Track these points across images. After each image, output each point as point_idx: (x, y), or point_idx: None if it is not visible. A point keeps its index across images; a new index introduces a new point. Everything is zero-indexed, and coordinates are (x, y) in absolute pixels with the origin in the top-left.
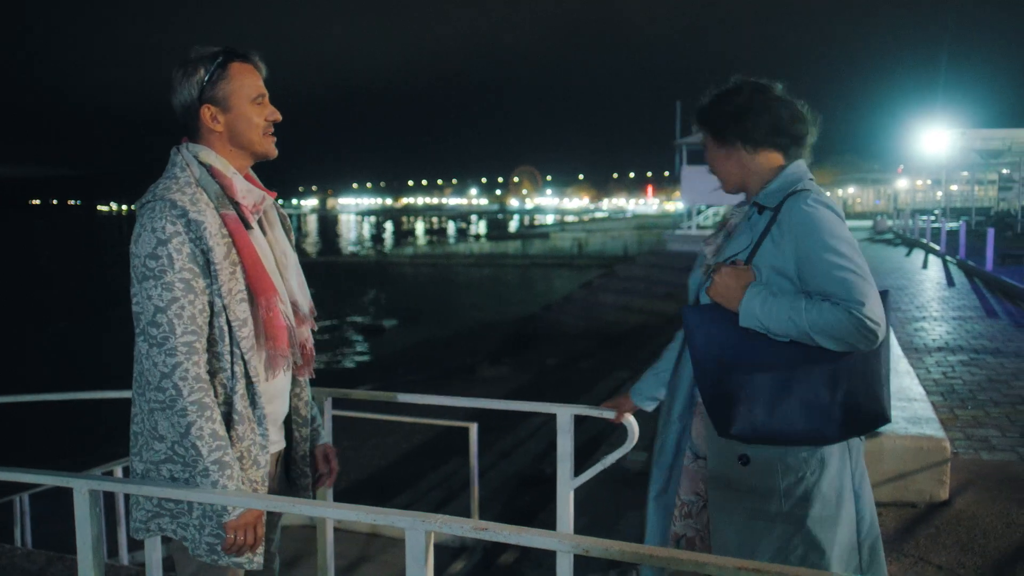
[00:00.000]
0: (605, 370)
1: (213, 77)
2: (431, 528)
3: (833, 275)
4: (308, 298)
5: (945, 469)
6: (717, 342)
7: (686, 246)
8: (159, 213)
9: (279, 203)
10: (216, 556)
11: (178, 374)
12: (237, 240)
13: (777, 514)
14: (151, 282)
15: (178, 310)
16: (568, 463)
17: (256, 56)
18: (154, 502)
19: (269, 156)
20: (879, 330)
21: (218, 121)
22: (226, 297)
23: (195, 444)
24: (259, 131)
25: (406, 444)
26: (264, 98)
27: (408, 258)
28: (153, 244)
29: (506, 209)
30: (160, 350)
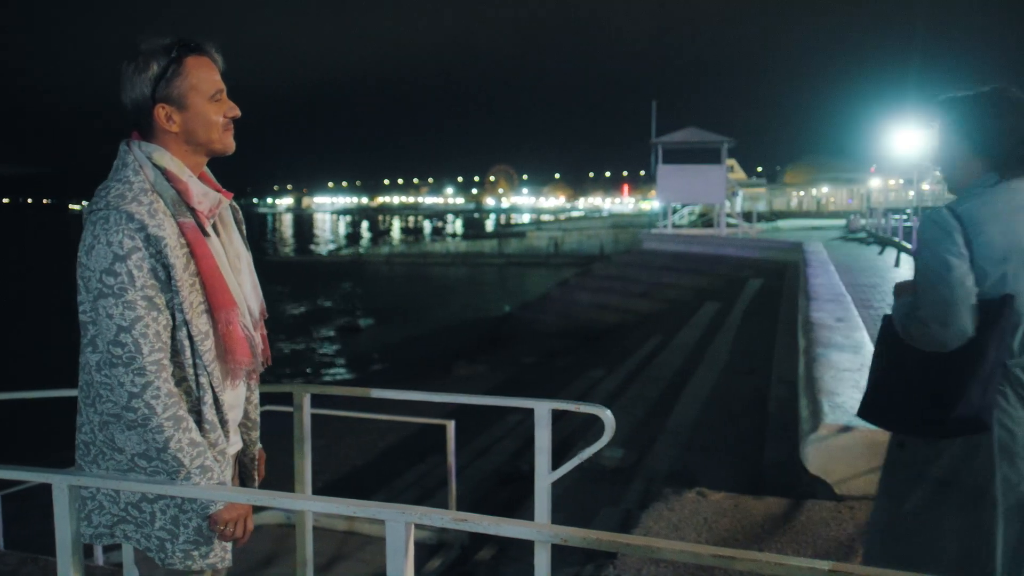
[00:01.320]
0: (581, 368)
1: (167, 74)
2: (411, 520)
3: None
4: (260, 299)
5: None
6: (884, 338)
7: (662, 245)
8: (114, 226)
9: (250, 202)
10: (191, 561)
11: (150, 393)
12: (196, 251)
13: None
14: (110, 300)
15: (143, 329)
16: (545, 457)
17: (212, 48)
18: (120, 506)
19: (227, 152)
20: (934, 332)
21: (173, 121)
22: (187, 311)
23: (176, 456)
24: (218, 129)
25: (383, 442)
26: (222, 93)
27: (384, 257)
28: (110, 259)
29: (482, 208)
30: (127, 370)
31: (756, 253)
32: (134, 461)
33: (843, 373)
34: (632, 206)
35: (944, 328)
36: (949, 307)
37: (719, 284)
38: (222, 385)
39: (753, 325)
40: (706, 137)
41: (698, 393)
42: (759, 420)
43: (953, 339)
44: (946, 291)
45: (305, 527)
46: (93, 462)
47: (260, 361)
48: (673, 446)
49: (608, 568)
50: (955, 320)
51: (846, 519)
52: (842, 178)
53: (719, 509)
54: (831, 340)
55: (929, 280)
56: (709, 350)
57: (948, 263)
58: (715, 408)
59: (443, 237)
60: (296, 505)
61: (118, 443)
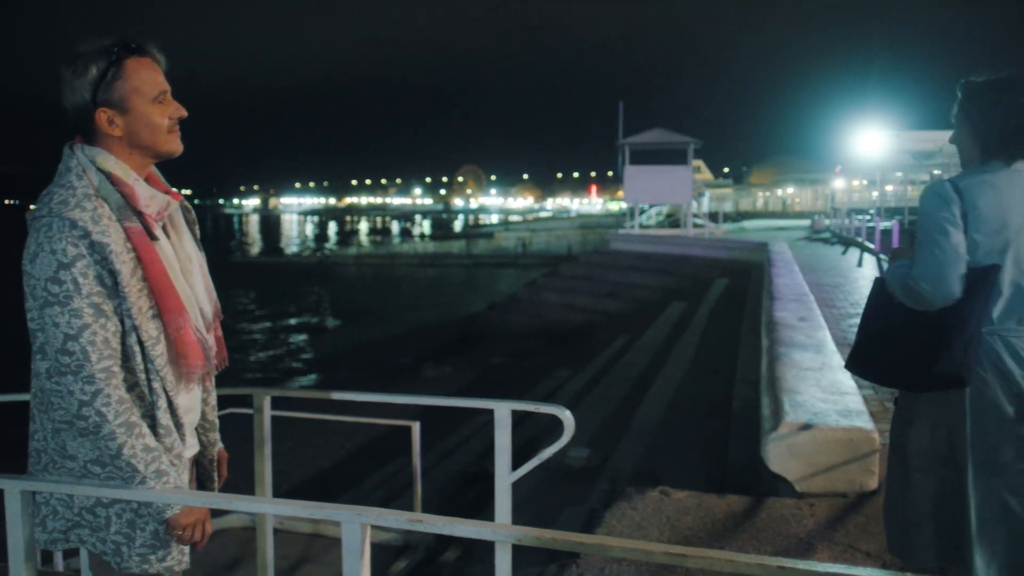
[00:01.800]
0: (548, 368)
1: (108, 77)
2: (367, 521)
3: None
4: (214, 301)
5: (874, 460)
6: (874, 301)
7: (629, 245)
8: (57, 233)
9: (217, 203)
10: (147, 565)
11: (100, 401)
12: (142, 256)
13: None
14: (56, 308)
15: (91, 336)
16: (506, 457)
17: (154, 48)
18: (74, 511)
19: (174, 155)
20: (924, 291)
21: (116, 125)
22: (136, 317)
23: (130, 463)
24: (163, 132)
25: (349, 444)
26: (166, 95)
27: (352, 258)
28: (54, 267)
29: (450, 209)
30: (76, 378)
31: (722, 253)
32: (87, 468)
33: (805, 372)
34: (600, 207)
35: (934, 288)
36: (940, 268)
37: (686, 284)
38: (176, 389)
39: (719, 325)
40: (673, 138)
41: (664, 393)
42: (723, 419)
43: (940, 299)
44: (940, 254)
45: (265, 530)
46: (44, 469)
47: (214, 363)
48: (638, 445)
49: (571, 567)
50: (944, 282)
51: (806, 516)
52: (807, 179)
53: (682, 508)
54: (793, 339)
55: (925, 243)
56: (675, 350)
57: (944, 229)
58: (680, 408)
59: (411, 238)
60: (252, 507)
61: (70, 450)
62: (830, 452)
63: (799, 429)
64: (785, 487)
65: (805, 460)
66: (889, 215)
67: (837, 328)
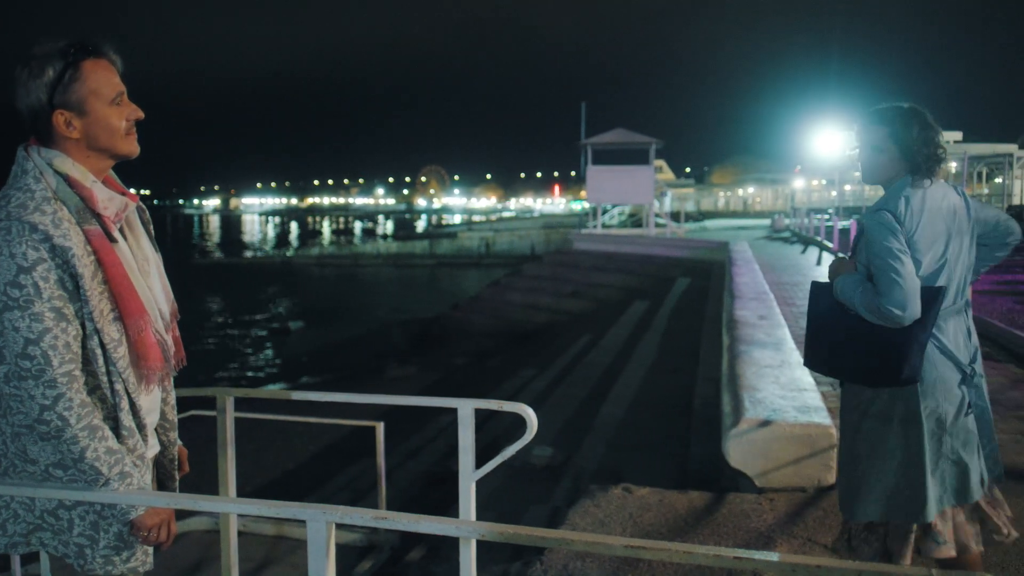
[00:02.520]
0: (512, 368)
1: (64, 79)
2: (332, 519)
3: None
4: (171, 301)
5: (832, 455)
6: (822, 306)
7: (592, 245)
8: (17, 237)
9: (176, 203)
10: (111, 566)
11: (62, 405)
12: (103, 258)
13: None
14: (16, 312)
15: (52, 340)
16: (470, 455)
17: (110, 49)
18: (35, 514)
19: (131, 156)
20: (896, 316)
21: (73, 127)
22: (98, 320)
23: (93, 466)
24: (120, 134)
25: (313, 446)
26: (123, 96)
27: (314, 258)
28: (14, 272)
29: (413, 209)
30: (37, 383)
31: (684, 253)
32: (48, 471)
33: (764, 369)
34: (563, 206)
35: (904, 313)
36: (907, 297)
37: (648, 283)
38: (137, 390)
39: (680, 324)
40: (634, 138)
41: (626, 391)
42: (685, 417)
43: (909, 320)
44: (903, 283)
45: (229, 531)
46: (4, 474)
47: (172, 364)
48: (601, 444)
49: (535, 564)
50: (912, 306)
51: (766, 510)
52: (767, 178)
53: (644, 504)
54: (754, 337)
55: (886, 273)
56: (637, 349)
57: (902, 261)
58: (642, 406)
59: (374, 238)
60: (217, 507)
61: (31, 454)
62: (789, 448)
63: (759, 425)
64: (746, 483)
65: (765, 456)
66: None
67: (797, 326)
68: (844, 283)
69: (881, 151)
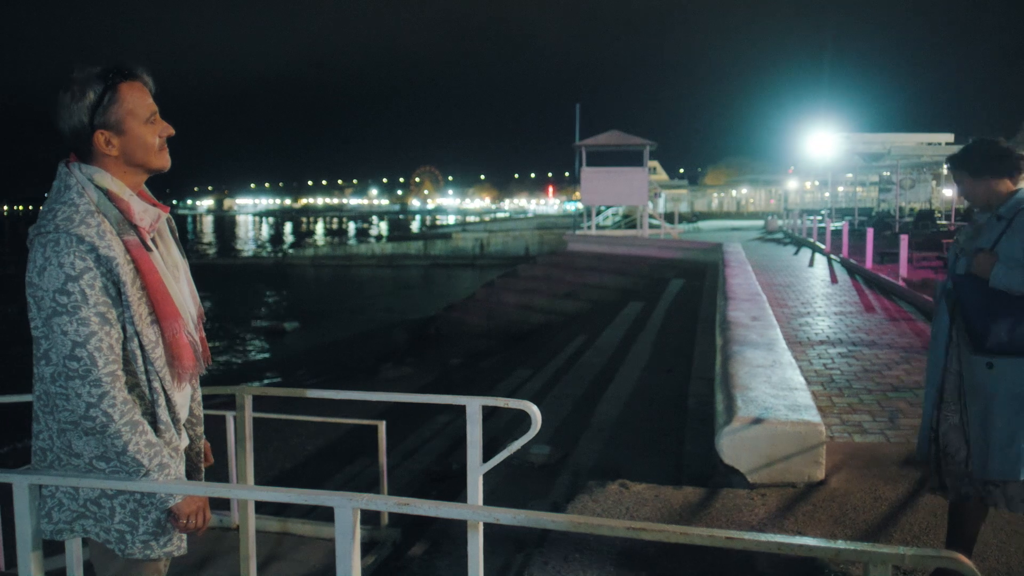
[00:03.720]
0: (508, 368)
1: (104, 101)
2: (358, 505)
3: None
4: (198, 304)
5: (821, 451)
6: (979, 295)
7: (586, 246)
8: (65, 248)
9: (170, 203)
10: (149, 551)
11: (107, 402)
12: (141, 266)
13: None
14: (64, 317)
15: (97, 343)
16: (477, 450)
17: (143, 72)
18: (79, 503)
19: (164, 170)
20: None
21: (112, 145)
22: (137, 323)
23: (135, 458)
24: (154, 150)
25: (311, 446)
26: (155, 115)
27: (309, 259)
28: (62, 280)
29: (407, 209)
30: (83, 382)
31: (678, 254)
32: (92, 463)
33: (756, 369)
34: (557, 207)
35: None
36: None
37: (642, 284)
38: (172, 388)
39: (675, 324)
40: (628, 140)
41: (621, 391)
42: (679, 415)
43: None
44: None
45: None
46: (50, 466)
47: (203, 363)
48: (597, 441)
49: (536, 556)
50: None
51: (757, 505)
52: (761, 179)
53: (640, 499)
54: (746, 338)
55: None
56: (632, 349)
57: None
58: (638, 405)
59: (368, 239)
60: (251, 495)
61: (76, 448)
62: (780, 445)
63: (751, 423)
64: (738, 479)
65: (757, 452)
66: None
67: (788, 327)
68: (999, 271)
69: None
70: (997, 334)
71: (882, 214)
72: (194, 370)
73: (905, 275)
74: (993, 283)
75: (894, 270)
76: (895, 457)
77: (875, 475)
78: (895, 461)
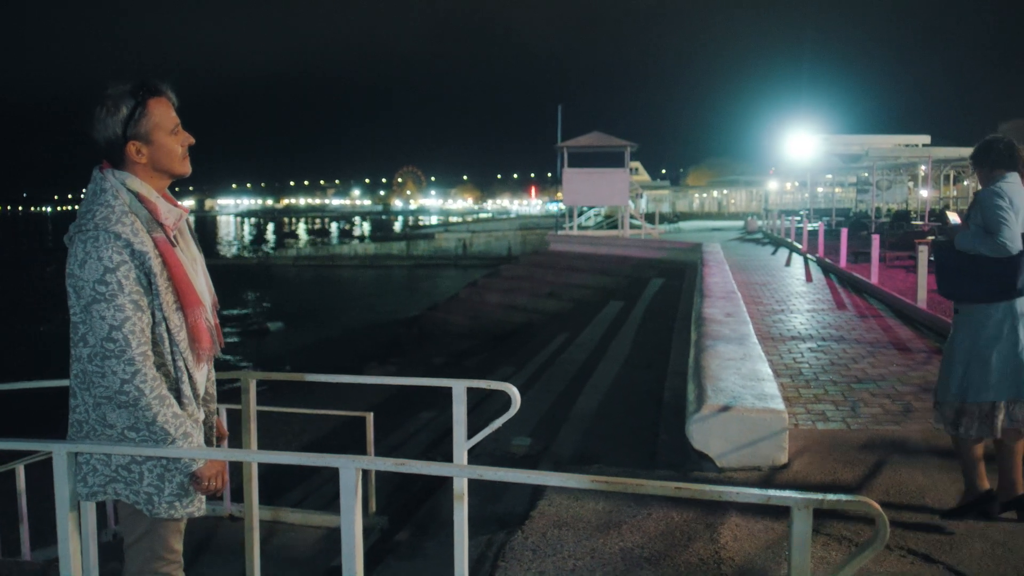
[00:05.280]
0: (491, 366)
1: (135, 115)
2: (360, 466)
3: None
4: (213, 294)
5: (784, 437)
6: (949, 257)
7: (568, 246)
8: (104, 244)
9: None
10: (174, 511)
11: (139, 379)
12: (167, 260)
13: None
14: (103, 304)
15: (131, 327)
16: (462, 427)
17: (167, 88)
18: (112, 468)
19: (185, 175)
20: (1009, 247)
21: (142, 154)
22: (165, 310)
23: (163, 428)
24: (178, 158)
25: (296, 442)
26: (179, 127)
27: (291, 260)
28: (101, 272)
29: (390, 210)
30: (119, 361)
31: (659, 253)
32: (124, 434)
33: (728, 362)
34: (539, 208)
35: (1013, 244)
36: (1015, 235)
37: (623, 284)
38: (193, 367)
39: (654, 322)
40: (610, 141)
41: (600, 386)
42: (655, 408)
43: (1016, 250)
44: (1013, 227)
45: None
46: (86, 436)
47: (218, 346)
48: (577, 433)
49: (517, 533)
50: (1017, 240)
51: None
52: (742, 180)
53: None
54: (720, 333)
55: (1000, 222)
56: (612, 346)
57: (1009, 213)
58: (616, 399)
59: (351, 239)
60: (262, 458)
61: (109, 420)
62: (746, 431)
63: (719, 410)
64: (708, 464)
65: (725, 438)
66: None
67: (762, 323)
68: (964, 236)
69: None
70: (960, 287)
71: (859, 215)
72: (211, 352)
73: (877, 274)
74: (957, 246)
75: (868, 270)
76: (854, 443)
77: (835, 459)
78: (854, 446)
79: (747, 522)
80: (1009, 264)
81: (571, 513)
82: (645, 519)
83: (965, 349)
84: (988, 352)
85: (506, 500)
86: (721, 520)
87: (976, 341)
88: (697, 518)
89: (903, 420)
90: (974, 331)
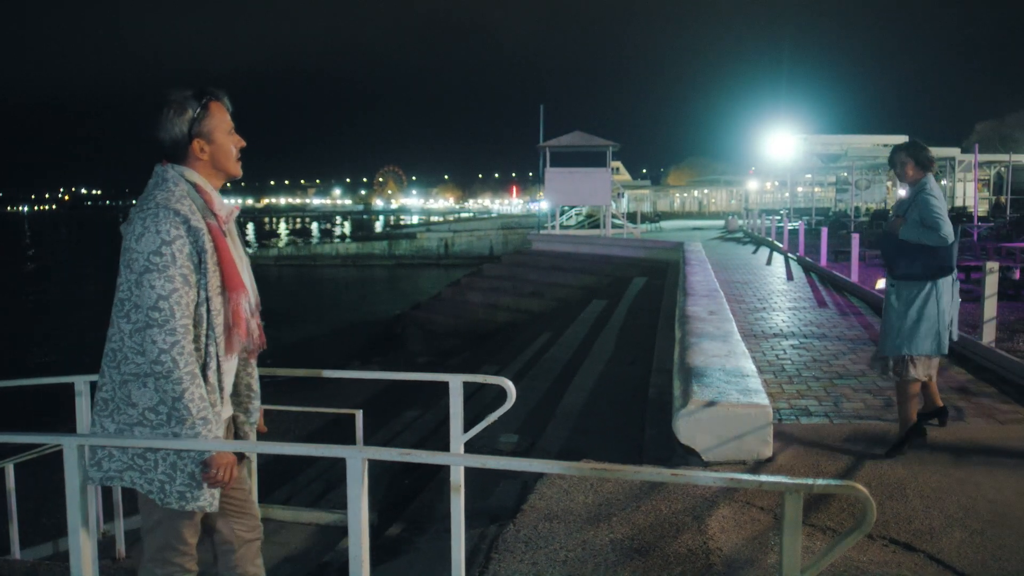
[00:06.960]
0: (475, 365)
1: (199, 116)
2: (366, 456)
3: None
4: (256, 295)
5: (768, 431)
6: (893, 244)
7: (550, 246)
8: (163, 219)
9: (130, 203)
10: (184, 501)
11: (176, 350)
12: (218, 244)
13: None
14: (155, 274)
15: (178, 298)
16: (459, 420)
17: (224, 94)
18: (128, 455)
19: (237, 176)
20: (946, 237)
21: (204, 151)
22: (210, 291)
23: (187, 406)
24: (233, 158)
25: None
26: (233, 129)
27: (272, 259)
28: (157, 244)
29: (371, 209)
30: (161, 330)
31: (640, 253)
32: (144, 415)
33: (712, 359)
34: (521, 207)
35: (950, 236)
36: (951, 229)
37: (606, 283)
38: (224, 356)
39: (637, 320)
40: (592, 141)
41: (585, 383)
42: (641, 404)
43: (950, 240)
44: (948, 222)
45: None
46: (109, 416)
47: (258, 343)
48: (564, 429)
49: (509, 527)
50: (951, 233)
51: None
52: (723, 180)
53: (603, 475)
54: (704, 330)
55: (940, 219)
56: (596, 344)
57: (944, 211)
58: (601, 396)
59: (332, 239)
60: (268, 449)
61: (133, 399)
62: (731, 425)
63: (705, 406)
64: (694, 458)
65: (710, 433)
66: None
67: (744, 320)
68: (907, 228)
69: (901, 166)
70: (899, 267)
71: (839, 214)
72: (244, 342)
73: (857, 272)
74: (902, 236)
75: (847, 268)
76: (837, 436)
77: (818, 452)
78: (837, 440)
79: (734, 514)
80: (946, 251)
81: (561, 507)
82: (634, 512)
83: (902, 314)
84: (919, 316)
85: (497, 495)
86: (708, 512)
87: (909, 307)
88: (685, 511)
89: (884, 414)
90: (908, 300)
